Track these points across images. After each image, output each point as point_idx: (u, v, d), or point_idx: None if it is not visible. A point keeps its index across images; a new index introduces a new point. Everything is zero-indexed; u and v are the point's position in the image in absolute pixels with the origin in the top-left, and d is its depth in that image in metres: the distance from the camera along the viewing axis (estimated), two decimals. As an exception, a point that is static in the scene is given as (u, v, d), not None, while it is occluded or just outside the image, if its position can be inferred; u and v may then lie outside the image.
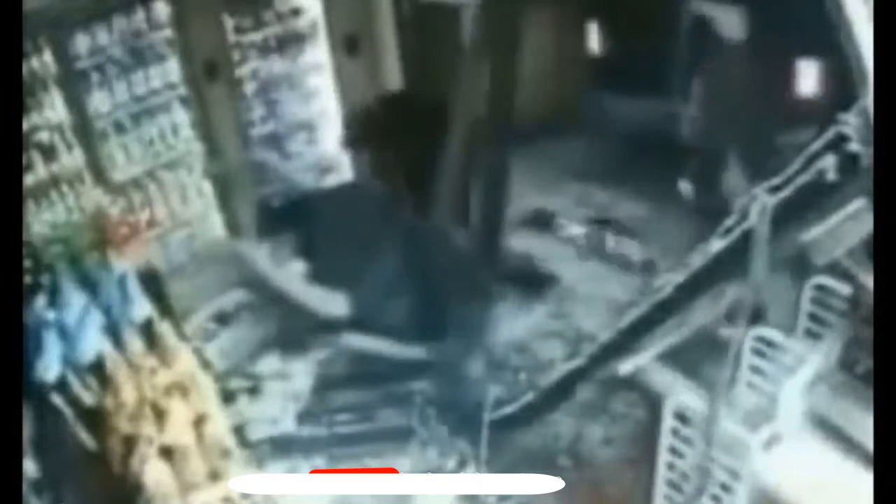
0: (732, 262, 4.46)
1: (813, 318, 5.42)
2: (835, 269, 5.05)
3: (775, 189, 4.15)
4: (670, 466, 5.27)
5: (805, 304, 5.44)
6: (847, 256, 4.69)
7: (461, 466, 6.24)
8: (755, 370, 5.29)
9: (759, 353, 5.27)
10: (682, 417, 5.02)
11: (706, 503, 5.02)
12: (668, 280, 5.00)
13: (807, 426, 5.03)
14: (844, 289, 5.14)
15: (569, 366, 6.06)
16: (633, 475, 6.05)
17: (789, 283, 5.44)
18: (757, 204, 4.17)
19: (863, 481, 4.13)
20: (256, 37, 8.39)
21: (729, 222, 4.44)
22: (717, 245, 4.55)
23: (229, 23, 8.13)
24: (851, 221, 4.16)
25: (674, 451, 5.18)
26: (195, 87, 7.89)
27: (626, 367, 5.32)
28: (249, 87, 8.51)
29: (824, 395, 5.15)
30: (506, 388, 6.92)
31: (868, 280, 4.77)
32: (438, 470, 6.22)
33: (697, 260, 4.70)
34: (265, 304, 7.92)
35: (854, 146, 3.76)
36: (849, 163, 3.82)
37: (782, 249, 4.35)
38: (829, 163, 3.86)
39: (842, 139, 3.79)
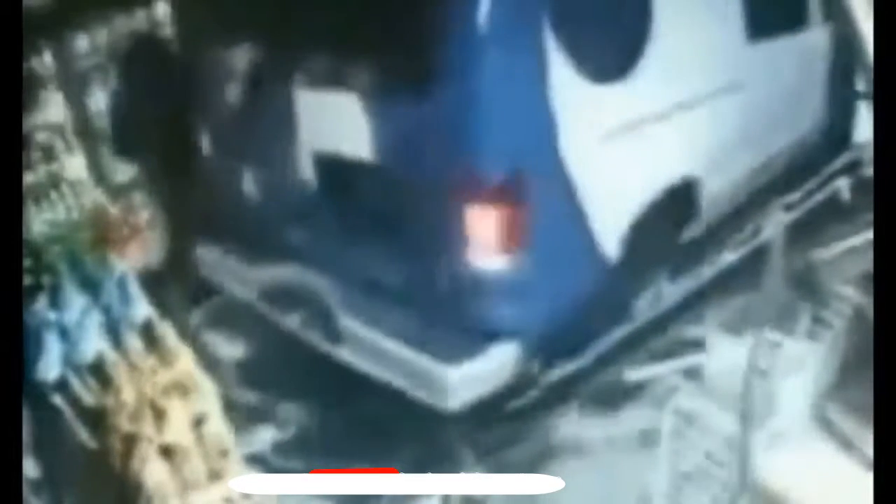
0: (744, 275, 4.44)
1: (813, 318, 5.41)
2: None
3: (789, 207, 4.15)
4: (670, 466, 5.26)
5: (806, 304, 5.44)
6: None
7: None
8: (755, 370, 5.28)
9: (759, 353, 5.26)
10: (682, 417, 5.02)
11: (706, 503, 5.02)
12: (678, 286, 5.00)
13: (808, 426, 5.03)
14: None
15: (570, 366, 6.05)
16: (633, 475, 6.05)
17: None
18: (771, 220, 4.16)
19: (863, 481, 4.13)
20: (257, 37, 8.36)
21: (741, 235, 4.44)
22: (728, 257, 4.54)
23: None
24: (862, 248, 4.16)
25: (674, 451, 5.17)
26: (195, 86, 7.87)
27: (634, 374, 5.31)
28: (249, 87, 8.48)
29: (824, 395, 5.15)
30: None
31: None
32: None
33: (708, 272, 4.69)
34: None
35: (868, 170, 3.77)
36: (863, 186, 3.82)
37: (793, 267, 4.34)
38: (843, 184, 3.87)
39: (856, 163, 3.80)
